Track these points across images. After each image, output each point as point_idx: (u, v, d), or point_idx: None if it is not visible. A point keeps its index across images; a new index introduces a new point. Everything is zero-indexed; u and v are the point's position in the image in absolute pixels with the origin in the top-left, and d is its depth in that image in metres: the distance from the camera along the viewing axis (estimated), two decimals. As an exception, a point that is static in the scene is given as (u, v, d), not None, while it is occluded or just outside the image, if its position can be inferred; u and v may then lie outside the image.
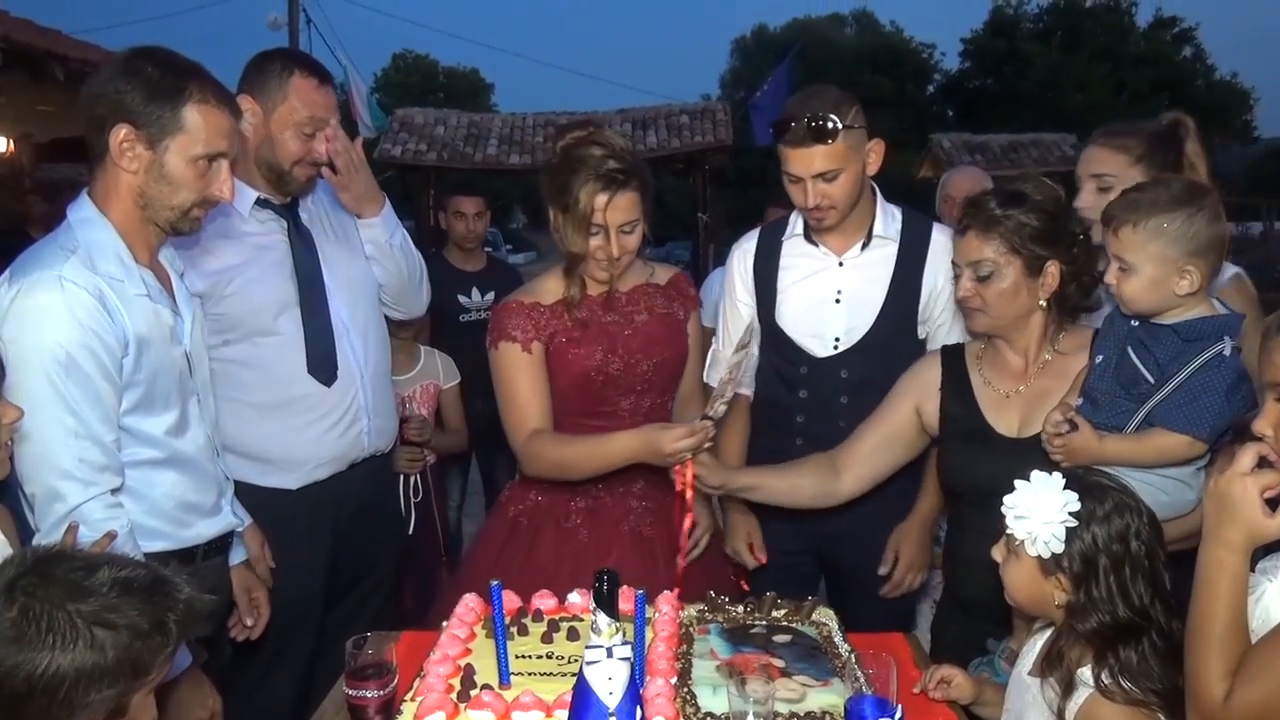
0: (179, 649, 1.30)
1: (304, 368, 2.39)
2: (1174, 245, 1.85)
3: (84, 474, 1.81)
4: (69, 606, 1.18)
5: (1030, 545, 1.58)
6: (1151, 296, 1.88)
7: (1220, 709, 1.31)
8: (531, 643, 1.86)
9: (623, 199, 2.24)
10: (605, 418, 2.35)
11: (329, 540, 2.51)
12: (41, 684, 1.16)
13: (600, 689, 1.35)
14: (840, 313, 2.44)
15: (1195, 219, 1.85)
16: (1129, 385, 1.92)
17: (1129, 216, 1.89)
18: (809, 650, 1.82)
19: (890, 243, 2.46)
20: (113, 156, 1.88)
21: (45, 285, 1.81)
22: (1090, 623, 1.55)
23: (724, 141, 16.92)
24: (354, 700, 1.46)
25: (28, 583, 1.20)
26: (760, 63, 32.28)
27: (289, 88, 2.34)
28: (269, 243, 2.40)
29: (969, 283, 2.09)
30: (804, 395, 2.46)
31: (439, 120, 18.17)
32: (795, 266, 2.48)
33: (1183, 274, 1.85)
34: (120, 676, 1.20)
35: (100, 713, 1.21)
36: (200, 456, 2.05)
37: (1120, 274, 1.90)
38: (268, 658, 2.41)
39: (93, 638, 1.17)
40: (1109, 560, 1.56)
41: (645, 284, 2.43)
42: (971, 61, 38.98)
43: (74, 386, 1.80)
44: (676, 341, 2.44)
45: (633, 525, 2.37)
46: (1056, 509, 1.56)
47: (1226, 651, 1.33)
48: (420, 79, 41.51)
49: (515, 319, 2.34)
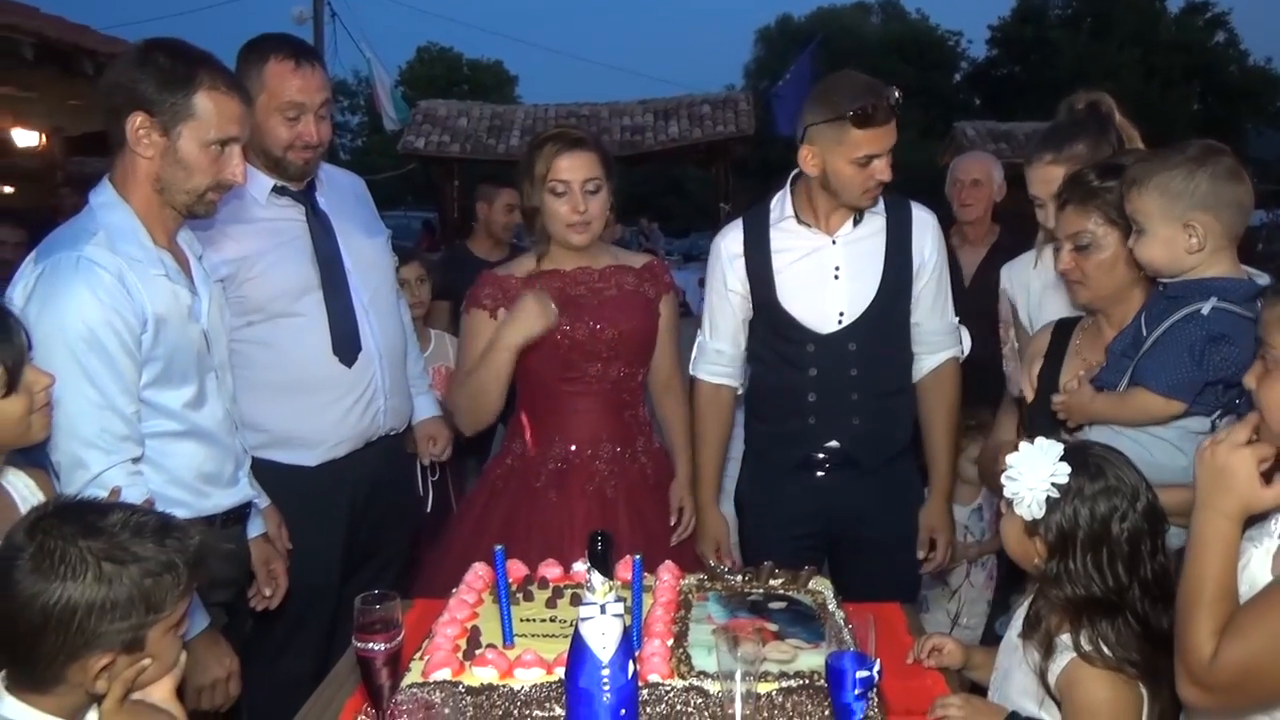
0: (192, 595, 1.38)
1: (326, 348, 2.47)
2: (1177, 201, 1.86)
3: (106, 443, 1.90)
4: (80, 543, 1.29)
5: (1016, 505, 1.63)
6: (1167, 257, 1.89)
7: (1206, 666, 1.35)
8: (536, 607, 1.94)
9: (581, 156, 2.46)
10: (575, 383, 2.53)
11: (346, 515, 2.60)
12: (55, 614, 1.26)
13: (594, 644, 1.42)
14: (841, 288, 2.50)
15: (1197, 174, 1.86)
16: (1134, 344, 1.95)
17: (1135, 176, 1.91)
18: (803, 616, 1.89)
19: (878, 216, 2.53)
20: (130, 143, 1.97)
21: (68, 265, 1.90)
22: (1062, 592, 1.59)
23: (746, 131, 16.88)
24: (363, 654, 1.53)
25: (47, 523, 1.31)
26: (784, 52, 32.16)
27: (265, 75, 2.38)
28: (288, 227, 2.48)
29: (1069, 255, 2.10)
30: (814, 373, 2.51)
31: (462, 112, 18.28)
32: (790, 248, 2.54)
33: (1188, 230, 1.86)
34: (132, 610, 1.29)
35: (116, 645, 1.30)
36: (218, 430, 2.13)
37: (1136, 237, 1.93)
38: (287, 629, 2.50)
39: (101, 571, 1.28)
40: (1086, 538, 1.59)
41: (618, 265, 2.60)
42: (999, 49, 38.64)
43: (96, 361, 1.89)
44: (641, 316, 2.58)
45: (597, 487, 2.51)
46: (1043, 476, 1.60)
47: (1215, 613, 1.36)
48: (445, 71, 41.68)
49: (487, 287, 2.56)
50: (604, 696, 1.41)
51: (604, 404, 2.54)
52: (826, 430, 2.53)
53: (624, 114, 17.08)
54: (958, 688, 1.84)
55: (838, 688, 1.44)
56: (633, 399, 2.61)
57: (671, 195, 30.79)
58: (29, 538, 1.29)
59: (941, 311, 2.58)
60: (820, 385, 2.51)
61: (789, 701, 1.61)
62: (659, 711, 1.62)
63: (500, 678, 1.65)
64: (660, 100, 18.17)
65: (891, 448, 2.57)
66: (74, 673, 1.30)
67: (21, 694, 1.31)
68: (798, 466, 2.56)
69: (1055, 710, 1.64)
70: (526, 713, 1.63)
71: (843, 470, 2.54)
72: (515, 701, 1.63)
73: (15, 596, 1.27)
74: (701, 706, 1.62)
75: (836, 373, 2.50)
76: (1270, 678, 1.34)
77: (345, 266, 2.53)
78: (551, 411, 2.55)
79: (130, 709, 1.33)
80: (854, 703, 1.43)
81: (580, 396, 2.53)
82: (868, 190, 2.42)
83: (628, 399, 2.60)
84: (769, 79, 27.88)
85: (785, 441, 2.57)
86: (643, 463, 2.60)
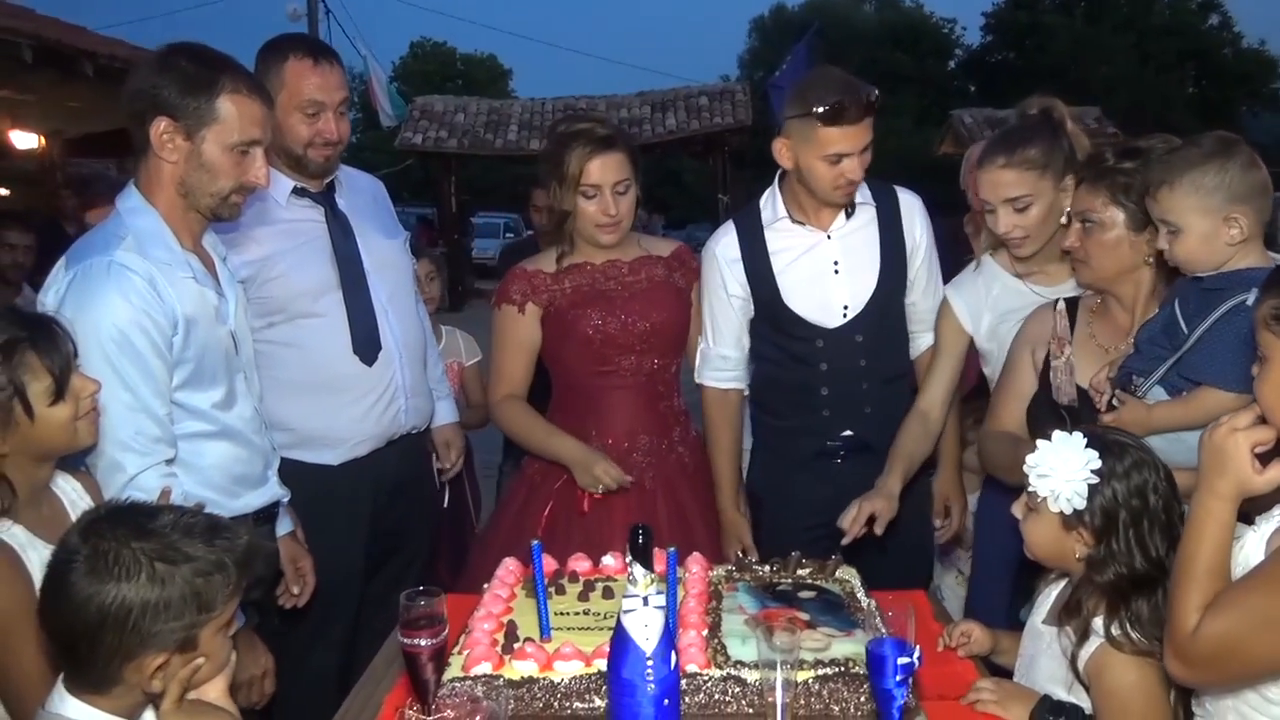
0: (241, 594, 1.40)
1: (347, 348, 2.49)
2: (1213, 196, 1.86)
3: (140, 445, 1.92)
4: (133, 544, 1.31)
5: (1053, 502, 1.65)
6: (1206, 253, 1.89)
7: (1188, 638, 1.40)
8: (569, 601, 1.96)
9: (611, 158, 2.45)
10: (608, 376, 2.54)
11: (369, 514, 2.61)
12: (111, 614, 1.28)
13: (637, 635, 1.44)
14: (842, 282, 2.52)
15: (1228, 167, 1.86)
16: (1170, 335, 1.95)
17: (1164, 178, 1.90)
18: (832, 604, 1.91)
19: (869, 206, 2.55)
20: (154, 148, 1.98)
21: (99, 270, 1.92)
22: (1108, 574, 1.62)
23: (744, 122, 16.88)
24: (409, 649, 1.55)
25: (100, 526, 1.34)
26: (779, 43, 32.11)
27: (285, 73, 2.39)
28: (308, 229, 2.49)
29: (1075, 232, 2.12)
30: (824, 368, 2.53)
31: (459, 108, 18.28)
32: (788, 248, 2.54)
33: (1229, 223, 1.86)
34: (185, 610, 1.32)
35: (170, 644, 1.32)
36: (247, 429, 2.15)
37: (1170, 238, 1.91)
38: (313, 626, 2.52)
39: (154, 571, 1.30)
40: (1128, 514, 1.62)
41: (647, 256, 2.60)
42: (993, 35, 38.63)
43: (129, 364, 1.91)
44: (674, 306, 2.59)
45: (636, 479, 2.52)
46: (1079, 467, 1.62)
47: (1201, 588, 1.40)
48: (439, 66, 41.64)
49: (517, 282, 2.57)
50: (648, 687, 1.43)
51: (639, 396, 2.56)
52: (840, 421, 2.55)
53: (621, 106, 17.09)
54: (984, 672, 1.86)
55: (878, 674, 1.46)
56: (667, 390, 2.63)
57: (668, 187, 30.75)
58: (83, 540, 1.32)
59: (935, 289, 2.59)
60: (832, 379, 2.53)
61: (825, 689, 1.64)
62: (698, 701, 1.65)
63: (540, 670, 1.67)
64: (657, 92, 18.15)
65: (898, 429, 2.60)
66: (130, 673, 1.32)
67: (81, 695, 1.33)
68: (813, 457, 2.58)
69: (1084, 695, 1.66)
70: (567, 705, 1.65)
71: (858, 456, 2.57)
72: (556, 694, 1.65)
73: (72, 598, 1.29)
74: (739, 695, 1.65)
75: (847, 365, 2.53)
76: (1248, 654, 1.38)
77: (364, 267, 2.54)
78: (586, 406, 2.57)
79: (188, 708, 1.35)
80: (895, 689, 1.45)
81: (614, 390, 2.55)
82: (838, 188, 2.41)
83: (662, 390, 2.61)
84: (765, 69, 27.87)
85: (799, 434, 2.59)
86: (680, 453, 2.62)
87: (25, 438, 1.58)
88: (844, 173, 2.38)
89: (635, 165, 2.51)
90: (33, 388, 1.56)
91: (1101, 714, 1.61)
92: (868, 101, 2.34)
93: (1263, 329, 1.45)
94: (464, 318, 5.97)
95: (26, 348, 1.56)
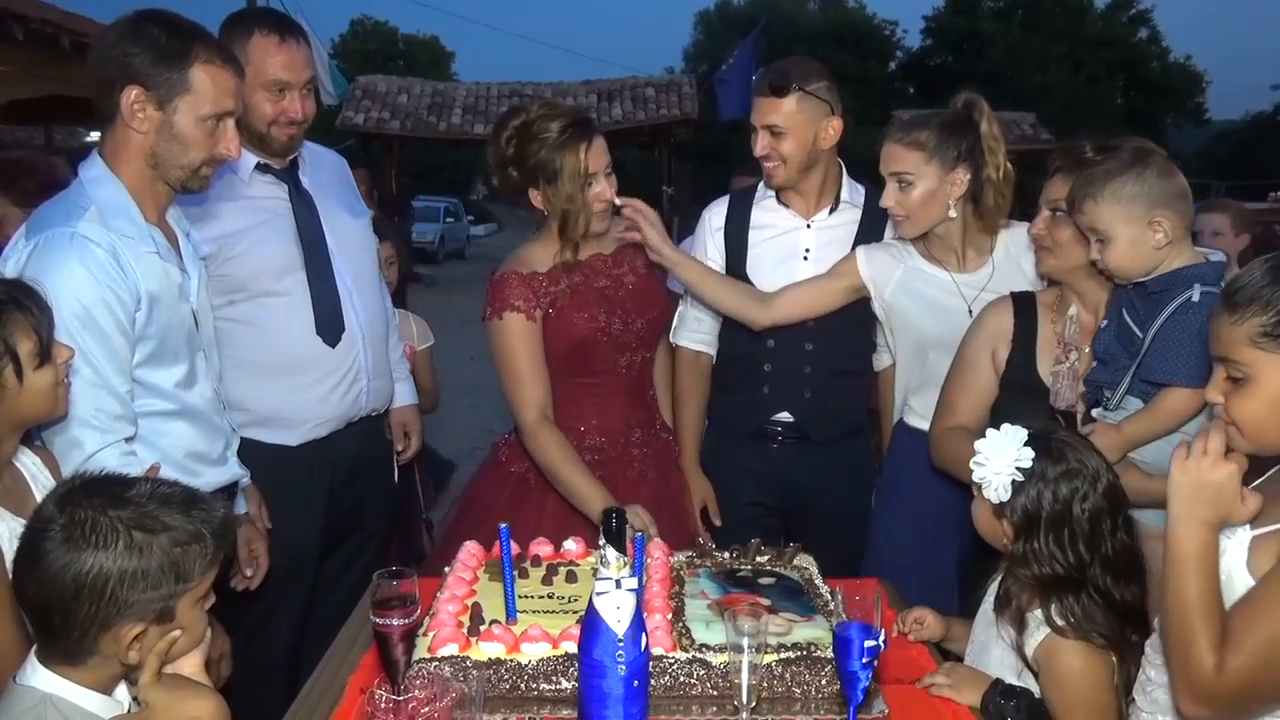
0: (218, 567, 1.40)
1: (309, 328, 2.46)
2: (1135, 203, 1.94)
3: (101, 422, 1.88)
4: (110, 513, 1.30)
5: (985, 489, 1.72)
6: (1135, 258, 1.96)
7: (1214, 680, 1.33)
8: (533, 584, 1.97)
9: (598, 142, 2.44)
10: (602, 375, 2.50)
11: (325, 495, 2.60)
12: (88, 582, 1.27)
13: (609, 617, 1.46)
14: (808, 269, 2.63)
15: (1145, 174, 1.95)
16: (1126, 344, 2.01)
17: (1087, 191, 1.98)
18: (792, 591, 1.96)
19: (854, 209, 2.66)
20: (124, 117, 1.93)
21: (62, 241, 1.87)
22: (1029, 570, 1.69)
23: (689, 115, 16.94)
24: (381, 629, 1.55)
25: (76, 495, 1.32)
26: (724, 36, 32.29)
27: (250, 49, 2.33)
28: (271, 206, 2.46)
29: (1044, 221, 2.17)
30: (771, 344, 2.62)
31: (402, 89, 18.03)
32: (766, 226, 2.67)
33: (1154, 227, 1.94)
34: (162, 580, 1.31)
35: (147, 615, 1.31)
36: (208, 409, 2.12)
37: (1100, 247, 1.99)
38: (266, 606, 2.49)
39: (131, 539, 1.29)
40: (1049, 519, 1.68)
41: (625, 245, 2.56)
42: (933, 39, 39.32)
43: (91, 339, 1.86)
44: (662, 299, 2.64)
45: (638, 471, 2.53)
46: (1009, 461, 1.68)
47: (1210, 627, 1.35)
48: (380, 46, 40.98)
49: (518, 289, 2.42)
50: (619, 668, 1.46)
51: (630, 390, 2.56)
52: (779, 401, 2.66)
53: (567, 94, 17.01)
54: (937, 657, 1.93)
55: (844, 656, 1.50)
56: (649, 380, 2.67)
57: (611, 176, 30.65)
58: (59, 510, 1.30)
59: None
60: (775, 355, 2.63)
61: (788, 672, 1.68)
62: (663, 683, 1.67)
63: (508, 652, 1.68)
64: (604, 81, 18.12)
65: (842, 425, 2.70)
66: (106, 643, 1.30)
67: (54, 667, 1.32)
68: (751, 435, 2.70)
69: (1033, 680, 1.74)
70: (535, 686, 1.67)
71: (794, 444, 2.68)
72: (523, 675, 1.67)
73: (47, 567, 1.27)
74: (704, 678, 1.68)
75: (791, 346, 2.62)
76: (1275, 680, 1.34)
77: (328, 246, 2.51)
78: (580, 405, 2.50)
79: (166, 682, 1.34)
80: (860, 670, 1.49)
81: (608, 387, 2.51)
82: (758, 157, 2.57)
83: (646, 381, 2.65)
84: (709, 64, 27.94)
85: (742, 410, 2.69)
86: (665, 438, 2.67)
87: (10, 404, 1.54)
88: (759, 146, 2.53)
89: None
90: (23, 348, 1.53)
91: (1050, 699, 1.68)
92: (772, 81, 2.48)
93: (1248, 347, 1.41)
94: (404, 303, 5.99)
95: (13, 309, 1.53)
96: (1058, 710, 1.66)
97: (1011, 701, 1.68)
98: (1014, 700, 1.68)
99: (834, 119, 2.54)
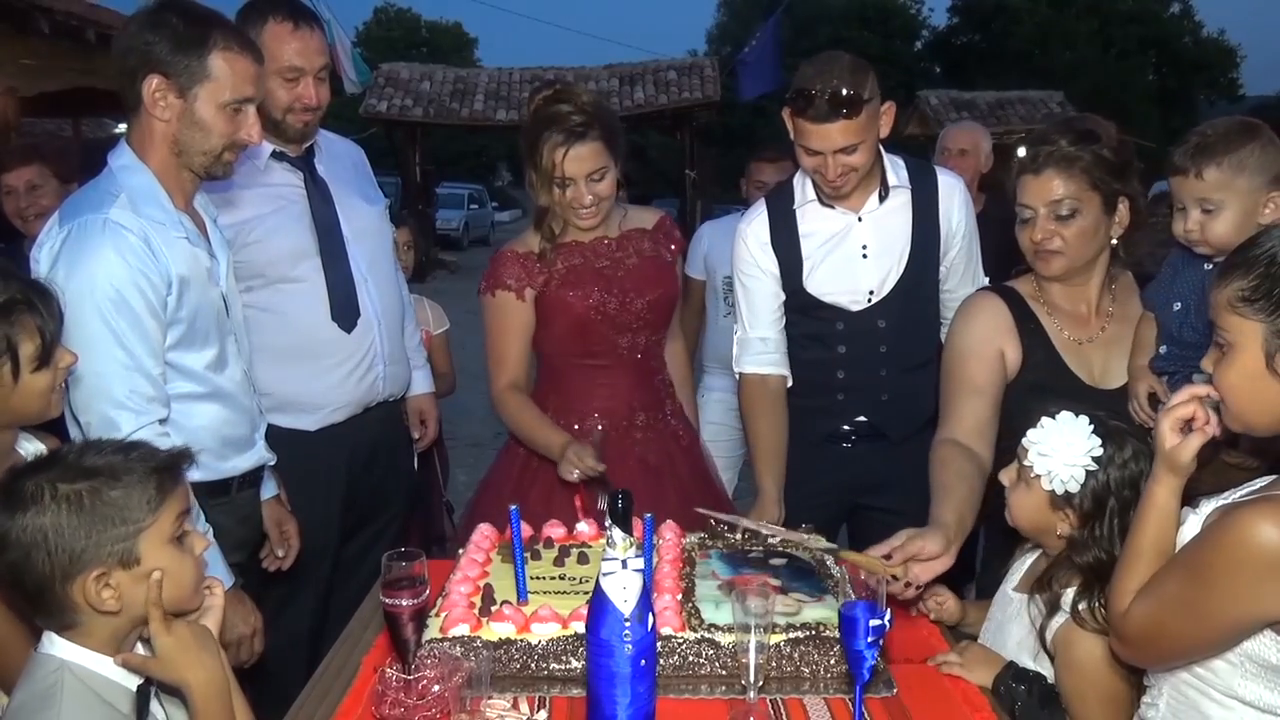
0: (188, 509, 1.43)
1: (326, 314, 2.49)
2: (1257, 175, 1.86)
3: (135, 404, 1.91)
4: (39, 475, 1.34)
5: (1047, 481, 1.70)
6: (1240, 232, 1.83)
7: (1120, 618, 1.46)
8: (544, 566, 1.99)
9: (584, 149, 2.35)
10: (604, 356, 2.50)
11: (344, 479, 2.63)
12: (28, 541, 1.31)
13: (616, 597, 1.47)
14: (870, 266, 2.46)
15: (1268, 148, 1.86)
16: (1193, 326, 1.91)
17: (1210, 158, 1.87)
18: (803, 571, 1.96)
19: (904, 190, 2.46)
20: (146, 106, 1.96)
21: (95, 228, 1.90)
22: (1088, 556, 1.68)
23: (712, 98, 16.84)
24: (390, 609, 1.57)
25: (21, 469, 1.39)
26: (747, 18, 32.03)
27: (264, 36, 2.34)
28: (287, 193, 2.49)
29: (1047, 224, 2.04)
30: (843, 350, 2.49)
31: (425, 75, 18.06)
32: (817, 231, 2.46)
33: (1268, 203, 1.87)
34: (103, 522, 1.33)
35: (104, 558, 1.33)
36: (238, 391, 2.15)
37: (1205, 216, 1.89)
38: (288, 587, 2.54)
39: (56, 491, 1.32)
40: (1118, 503, 1.68)
41: (633, 229, 2.55)
42: (960, 17, 38.83)
43: (124, 323, 1.90)
44: (666, 281, 2.57)
45: (639, 455, 2.52)
46: (1081, 452, 1.67)
47: (1138, 571, 1.45)
48: (403, 33, 41.09)
49: (510, 267, 2.47)
50: (625, 648, 1.47)
51: (635, 373, 2.54)
52: (855, 406, 2.52)
53: (589, 79, 16.99)
54: (951, 639, 1.92)
55: (850, 635, 1.50)
56: (659, 364, 2.63)
57: (633, 160, 30.49)
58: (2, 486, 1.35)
59: (973, 277, 2.54)
60: (849, 362, 2.49)
61: (796, 652, 1.69)
62: (672, 663, 1.68)
63: (518, 632, 1.70)
64: (626, 65, 18.06)
65: (918, 420, 2.51)
66: (76, 594, 1.32)
67: (62, 634, 1.35)
68: (823, 440, 2.55)
69: (1048, 665, 1.73)
70: (544, 666, 1.69)
71: (868, 442, 2.55)
72: (533, 655, 1.69)
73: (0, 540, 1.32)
74: (713, 657, 1.69)
75: (866, 349, 2.48)
76: (1171, 637, 1.41)
77: (343, 233, 2.54)
78: (582, 387, 2.52)
79: (180, 633, 1.36)
80: (865, 649, 1.50)
81: (611, 369, 2.50)
82: (822, 177, 2.33)
83: (655, 365, 2.61)
84: (732, 45, 27.80)
85: (812, 415, 2.54)
86: (673, 424, 2.62)
87: (2, 402, 1.57)
88: (817, 167, 2.32)
89: (613, 148, 2.41)
90: (24, 349, 1.56)
91: (1064, 685, 1.68)
92: (836, 98, 2.19)
93: (1227, 312, 1.39)
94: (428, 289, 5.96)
95: (24, 309, 1.56)
96: (1070, 697, 1.66)
97: (1023, 686, 1.68)
98: (1026, 685, 1.68)
99: (886, 105, 2.34)
